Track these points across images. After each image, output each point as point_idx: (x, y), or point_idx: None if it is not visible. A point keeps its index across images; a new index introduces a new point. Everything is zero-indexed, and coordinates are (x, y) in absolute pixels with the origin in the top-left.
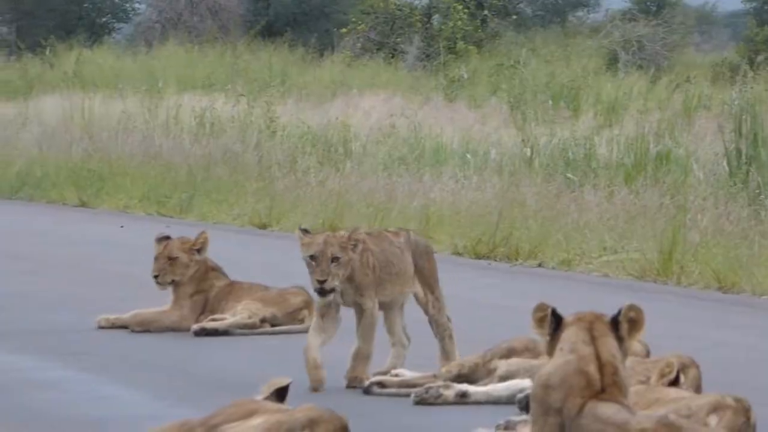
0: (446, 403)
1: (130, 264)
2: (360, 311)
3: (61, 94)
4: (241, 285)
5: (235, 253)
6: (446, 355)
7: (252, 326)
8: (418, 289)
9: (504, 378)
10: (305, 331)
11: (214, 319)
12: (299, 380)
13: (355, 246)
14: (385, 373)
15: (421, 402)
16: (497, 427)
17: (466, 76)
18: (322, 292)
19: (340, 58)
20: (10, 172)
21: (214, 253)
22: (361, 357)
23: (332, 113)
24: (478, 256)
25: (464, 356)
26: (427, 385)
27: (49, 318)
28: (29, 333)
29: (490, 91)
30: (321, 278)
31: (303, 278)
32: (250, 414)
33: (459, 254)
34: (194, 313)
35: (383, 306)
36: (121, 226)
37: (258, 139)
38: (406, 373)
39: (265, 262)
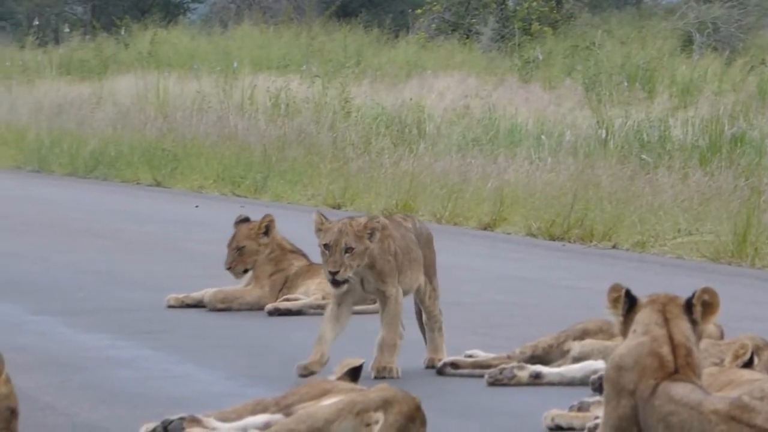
0: (520, 384)
1: (205, 243)
2: (383, 299)
3: (135, 74)
4: (319, 267)
5: (308, 233)
6: (435, 348)
7: (325, 306)
8: (421, 279)
9: (578, 359)
10: (377, 311)
11: (287, 299)
12: (372, 361)
13: (372, 235)
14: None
15: (494, 383)
16: (571, 408)
17: (541, 57)
18: (335, 282)
19: (414, 39)
20: (85, 151)
21: (287, 233)
22: (387, 346)
23: (407, 94)
24: (553, 238)
25: (538, 337)
26: (500, 366)
27: (125, 296)
28: (106, 311)
29: (565, 73)
30: (333, 269)
31: None
32: (323, 394)
33: (533, 236)
34: (274, 292)
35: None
36: (196, 206)
37: (332, 119)
38: (480, 354)
39: None
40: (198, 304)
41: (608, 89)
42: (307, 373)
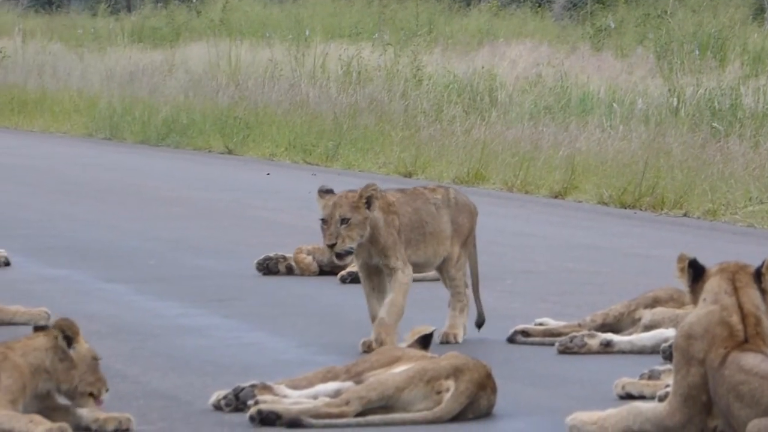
0: (590, 352)
1: (277, 211)
2: (389, 272)
3: (207, 41)
4: None
5: None
6: (453, 324)
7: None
8: (455, 249)
9: (648, 327)
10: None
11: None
12: (443, 328)
13: (369, 203)
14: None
15: (565, 351)
16: (641, 376)
17: (612, 25)
18: (337, 255)
19: (486, 7)
20: (157, 119)
21: None
22: (395, 307)
23: (478, 62)
24: (624, 206)
25: (609, 306)
26: (571, 334)
27: (196, 264)
28: (177, 279)
29: (637, 41)
30: (329, 242)
31: None
32: (394, 361)
33: (605, 204)
34: None
35: (417, 268)
36: (268, 174)
37: (404, 87)
38: (551, 322)
39: None
40: None
41: (680, 57)
42: (370, 350)
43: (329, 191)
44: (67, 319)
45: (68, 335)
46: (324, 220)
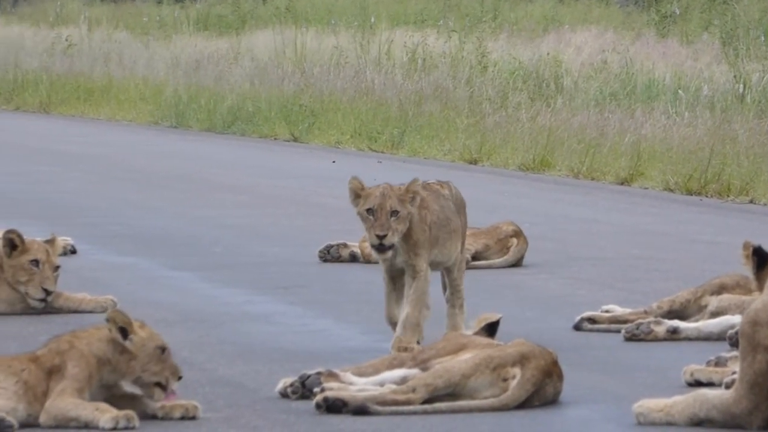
0: (657, 339)
1: (342, 198)
2: (413, 273)
3: (273, 29)
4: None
5: None
6: (455, 325)
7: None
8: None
9: (715, 314)
10: (510, 264)
11: None
12: (509, 316)
13: (413, 199)
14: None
15: (631, 338)
16: (708, 363)
17: (678, 11)
18: (381, 248)
19: None
20: (223, 106)
21: None
22: (411, 324)
23: (544, 49)
24: (690, 192)
25: (676, 292)
26: (637, 321)
27: (262, 251)
28: (243, 266)
29: (702, 27)
30: (381, 232)
31: (512, 213)
32: (460, 349)
33: (670, 190)
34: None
35: (439, 266)
36: (333, 161)
37: (469, 74)
38: (617, 309)
39: (475, 197)
40: None
41: (745, 43)
42: (402, 349)
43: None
44: (118, 311)
45: (122, 327)
46: (371, 210)
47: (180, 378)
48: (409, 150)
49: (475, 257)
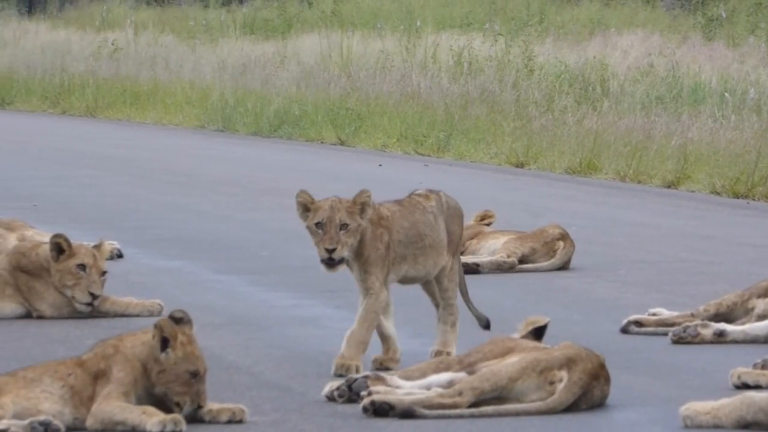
0: (703, 342)
1: None
2: (364, 291)
3: (319, 32)
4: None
5: (491, 191)
6: (445, 342)
7: (511, 266)
8: (448, 258)
9: (762, 317)
10: (556, 267)
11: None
12: (556, 319)
13: (363, 210)
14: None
15: (678, 341)
16: (754, 366)
17: (724, 15)
18: (331, 262)
19: None
20: (269, 110)
21: (471, 192)
22: (355, 342)
23: (590, 52)
24: (736, 196)
25: (722, 295)
26: (684, 324)
27: (309, 255)
28: (290, 270)
29: (749, 30)
30: (330, 246)
31: (558, 216)
32: (506, 352)
33: (717, 194)
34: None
35: (416, 281)
36: (379, 165)
37: (515, 78)
38: (664, 312)
39: (521, 201)
40: None
41: None
42: (382, 368)
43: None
44: (169, 321)
45: (165, 337)
46: (320, 224)
47: (201, 407)
48: (455, 153)
49: (521, 260)
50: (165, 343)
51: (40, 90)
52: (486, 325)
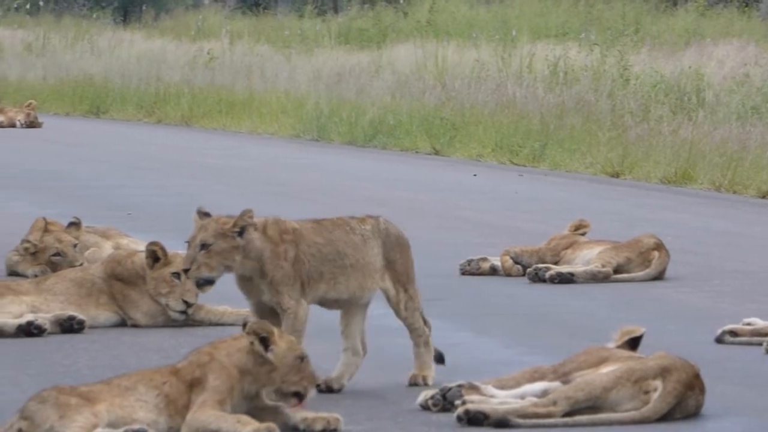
0: None
1: (485, 212)
2: (280, 311)
3: (414, 42)
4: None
5: (586, 201)
6: (421, 365)
7: (605, 276)
8: (389, 286)
9: None
10: (651, 277)
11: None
12: (651, 329)
13: (242, 232)
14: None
15: None
16: None
17: None
18: (196, 283)
19: (693, 6)
20: (364, 119)
21: (566, 202)
22: None
23: (685, 62)
24: None
25: None
26: None
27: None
28: None
29: None
30: (184, 266)
31: (653, 226)
32: (601, 362)
33: None
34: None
35: (339, 304)
36: (474, 175)
37: (611, 87)
38: (759, 322)
39: (617, 210)
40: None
41: None
42: (325, 388)
43: (207, 214)
44: (259, 322)
45: (264, 337)
46: (187, 242)
47: (318, 385)
48: (550, 163)
49: (616, 270)
50: (265, 342)
51: (135, 99)
52: (439, 359)
